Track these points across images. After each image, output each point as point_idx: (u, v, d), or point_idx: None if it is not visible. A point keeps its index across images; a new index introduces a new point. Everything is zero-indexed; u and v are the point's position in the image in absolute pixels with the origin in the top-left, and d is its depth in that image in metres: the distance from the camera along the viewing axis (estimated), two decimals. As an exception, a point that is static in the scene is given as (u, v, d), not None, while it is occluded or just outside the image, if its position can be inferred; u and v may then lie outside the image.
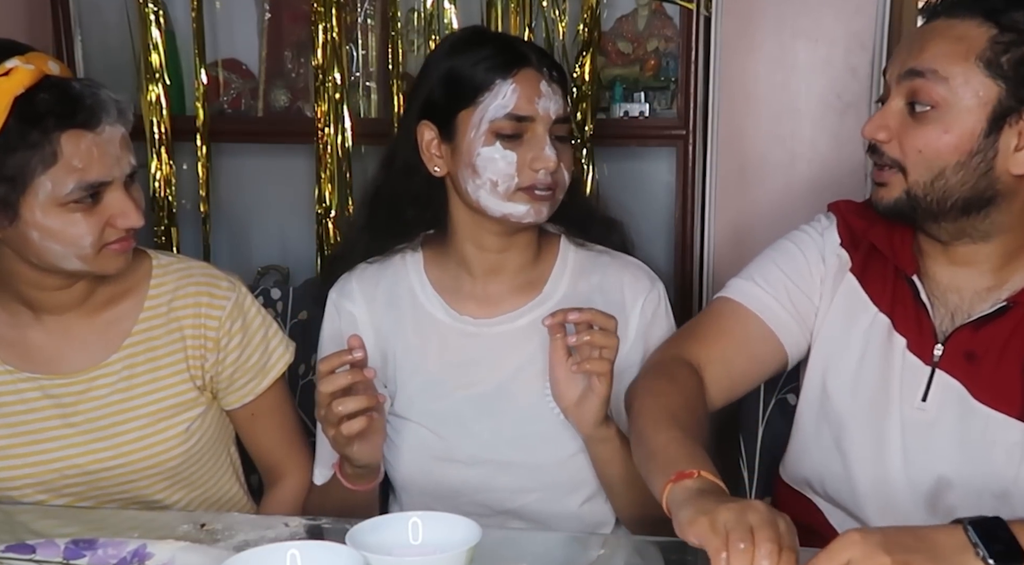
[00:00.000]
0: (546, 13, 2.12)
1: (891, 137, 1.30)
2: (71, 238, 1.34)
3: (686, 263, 2.12)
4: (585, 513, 1.54)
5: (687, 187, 2.10)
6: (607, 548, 1.31)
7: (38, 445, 1.44)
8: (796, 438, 1.50)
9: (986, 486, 1.32)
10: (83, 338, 1.47)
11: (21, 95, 1.29)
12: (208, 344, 1.50)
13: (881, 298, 1.41)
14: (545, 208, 1.45)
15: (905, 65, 1.29)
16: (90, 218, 1.34)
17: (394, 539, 1.08)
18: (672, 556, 1.27)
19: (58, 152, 1.30)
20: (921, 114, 1.27)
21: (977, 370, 1.33)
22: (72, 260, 1.36)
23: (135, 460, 1.46)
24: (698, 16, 2.05)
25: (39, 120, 1.29)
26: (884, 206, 1.34)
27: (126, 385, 1.47)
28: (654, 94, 2.20)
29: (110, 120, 1.35)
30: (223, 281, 1.53)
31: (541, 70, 1.44)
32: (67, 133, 1.31)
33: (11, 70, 1.30)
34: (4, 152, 1.29)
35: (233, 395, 1.54)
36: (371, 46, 2.30)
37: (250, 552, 1.06)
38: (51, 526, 1.35)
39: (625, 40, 2.25)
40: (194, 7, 2.24)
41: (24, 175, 1.30)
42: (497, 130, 1.43)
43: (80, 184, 1.32)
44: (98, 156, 1.33)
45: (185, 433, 1.49)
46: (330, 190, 2.22)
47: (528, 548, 1.28)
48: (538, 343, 1.50)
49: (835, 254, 1.46)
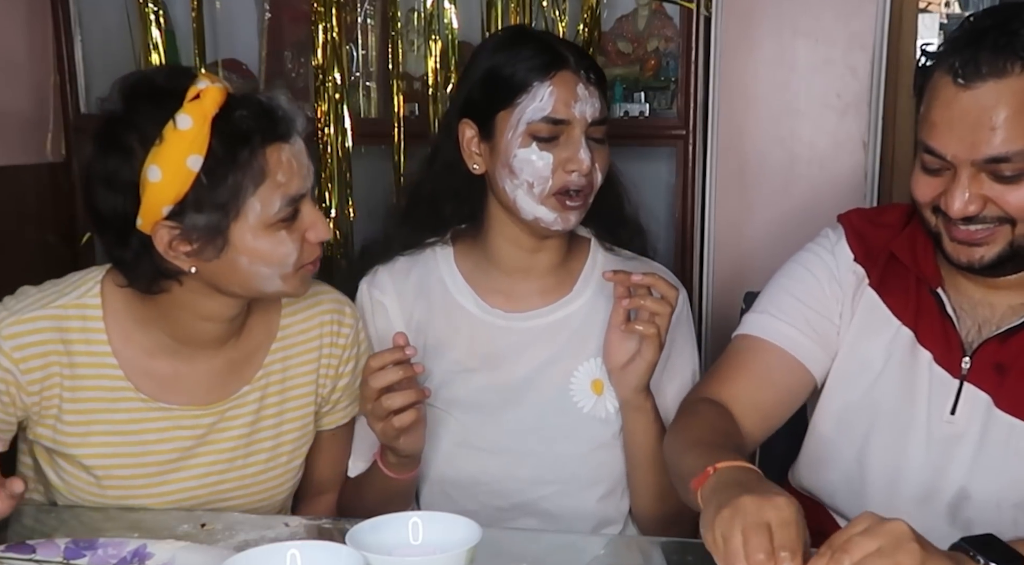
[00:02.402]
0: (546, 13, 2.12)
1: (984, 205, 1.25)
2: (279, 258, 1.29)
3: (686, 263, 2.12)
4: (599, 510, 1.56)
5: (687, 187, 2.10)
6: (607, 548, 1.30)
7: (160, 477, 1.39)
8: (810, 448, 1.48)
9: (1006, 497, 1.32)
10: (218, 369, 1.42)
11: (217, 115, 1.23)
12: (331, 371, 1.49)
13: (904, 311, 1.39)
14: (573, 216, 1.48)
15: (978, 153, 1.21)
16: (292, 234, 1.29)
17: (394, 539, 1.08)
18: (673, 556, 1.27)
19: (265, 168, 1.25)
20: (1011, 179, 1.22)
21: (1006, 381, 1.31)
22: (275, 281, 1.31)
23: (253, 493, 1.44)
24: (698, 16, 2.05)
25: (247, 138, 1.24)
26: (983, 264, 1.28)
27: (255, 418, 1.43)
28: (654, 94, 2.20)
29: (300, 130, 1.30)
30: (347, 306, 1.51)
31: (579, 72, 1.45)
32: (271, 147, 1.26)
33: (201, 92, 1.23)
34: (214, 177, 1.23)
35: (331, 416, 1.53)
36: (371, 46, 2.31)
37: (250, 552, 1.06)
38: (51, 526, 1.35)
39: (625, 40, 2.25)
40: (194, 7, 2.24)
41: (236, 198, 1.24)
42: (534, 132, 1.44)
43: (285, 199, 1.27)
44: (296, 168, 1.28)
45: (300, 467, 1.49)
46: (330, 190, 2.22)
47: (528, 548, 1.28)
48: (565, 340, 1.55)
49: (850, 270, 1.43)
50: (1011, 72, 1.20)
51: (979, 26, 1.24)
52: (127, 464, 1.39)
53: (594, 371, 1.54)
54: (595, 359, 1.53)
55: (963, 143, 1.22)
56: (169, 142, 1.22)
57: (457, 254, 1.60)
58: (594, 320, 1.54)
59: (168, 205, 1.23)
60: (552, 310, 1.56)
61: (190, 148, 1.22)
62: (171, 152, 1.22)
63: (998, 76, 1.20)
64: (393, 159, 2.20)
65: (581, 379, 1.54)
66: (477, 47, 1.66)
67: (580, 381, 1.54)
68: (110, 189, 1.26)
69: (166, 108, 1.23)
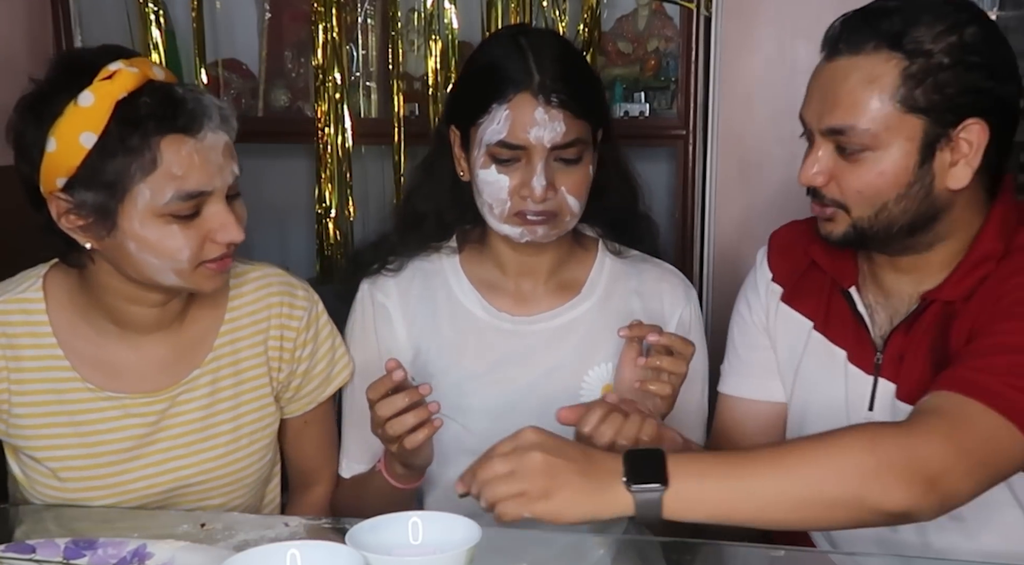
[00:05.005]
0: (546, 13, 2.12)
1: (828, 180, 1.28)
2: (168, 251, 1.28)
3: (686, 263, 2.12)
4: None
5: (687, 187, 2.11)
6: (607, 548, 1.30)
7: (119, 465, 1.40)
8: None
9: None
10: (166, 355, 1.42)
11: (123, 99, 1.25)
12: (284, 355, 1.48)
13: (816, 315, 1.43)
14: (540, 230, 1.45)
15: (823, 121, 1.26)
16: (188, 231, 1.28)
17: (394, 539, 1.08)
18: (673, 556, 1.27)
19: (157, 158, 1.24)
20: (853, 156, 1.26)
21: (902, 371, 1.33)
22: (168, 274, 1.31)
23: (217, 477, 1.44)
24: (698, 16, 2.05)
25: (139, 124, 1.24)
26: (834, 239, 1.33)
27: (209, 401, 1.43)
28: (654, 94, 2.20)
29: (212, 126, 1.28)
30: (299, 289, 1.50)
31: (539, 96, 1.39)
32: (167, 138, 1.25)
33: (115, 73, 1.25)
34: (104, 157, 1.24)
35: (295, 404, 1.53)
36: (371, 46, 2.31)
37: (250, 552, 1.06)
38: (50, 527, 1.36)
39: (625, 40, 2.25)
40: (194, 7, 2.24)
41: (123, 181, 1.25)
42: (492, 154, 1.42)
43: (178, 193, 1.26)
44: (199, 163, 1.27)
45: (265, 448, 1.48)
46: (330, 190, 2.22)
47: (528, 548, 1.28)
48: (573, 343, 1.52)
49: (769, 291, 1.49)
50: (864, 49, 1.23)
51: (863, 8, 1.28)
52: (81, 455, 1.39)
53: (605, 376, 1.52)
54: (606, 364, 1.52)
55: (814, 112, 1.28)
56: (68, 117, 1.25)
57: (463, 257, 1.57)
58: (604, 323, 1.52)
59: (61, 177, 1.26)
60: (560, 313, 1.55)
61: (85, 125, 1.24)
62: (68, 127, 1.24)
63: (853, 51, 1.24)
64: (393, 159, 2.20)
65: (592, 384, 1.52)
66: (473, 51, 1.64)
67: (591, 386, 1.52)
68: (20, 155, 1.30)
69: (78, 84, 1.25)
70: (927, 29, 1.21)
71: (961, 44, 1.21)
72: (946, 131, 1.23)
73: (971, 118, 1.22)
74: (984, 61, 1.22)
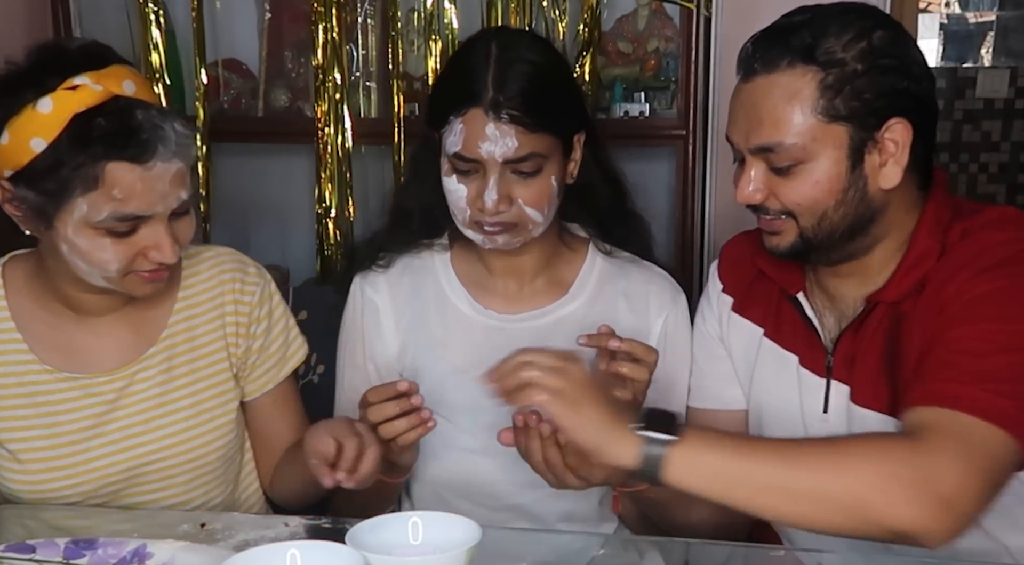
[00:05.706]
0: (546, 13, 2.12)
1: (767, 195, 1.30)
2: (96, 261, 1.31)
3: (686, 263, 2.12)
4: (592, 513, 1.55)
5: (687, 187, 2.11)
6: (607, 548, 1.31)
7: (79, 445, 1.41)
8: None
9: None
10: (121, 334, 1.45)
11: (80, 114, 1.26)
12: (240, 330, 1.50)
13: (766, 322, 1.45)
14: (500, 239, 1.46)
15: (750, 141, 1.27)
16: (119, 246, 1.30)
17: (394, 539, 1.08)
18: (672, 556, 1.27)
19: (100, 179, 1.26)
20: (785, 171, 1.26)
21: (856, 372, 1.34)
22: (98, 278, 1.34)
23: (177, 454, 1.45)
24: (698, 16, 2.05)
25: (89, 144, 1.25)
26: (780, 252, 1.34)
27: (166, 378, 1.45)
28: (654, 94, 2.20)
29: (165, 156, 1.28)
30: (251, 266, 1.54)
31: (490, 112, 1.39)
32: (113, 163, 1.26)
33: (78, 86, 1.26)
34: (49, 165, 1.26)
35: (254, 383, 1.54)
36: (371, 46, 2.31)
37: (250, 552, 1.06)
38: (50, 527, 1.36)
39: (625, 40, 2.25)
40: (194, 7, 2.24)
41: (63, 192, 1.27)
42: (452, 164, 1.44)
43: (115, 214, 1.28)
44: (141, 190, 1.28)
45: (227, 425, 1.49)
46: (330, 190, 2.22)
47: (528, 548, 1.28)
48: (561, 341, 1.49)
49: (720, 302, 1.51)
50: (779, 66, 1.25)
51: (771, 26, 1.30)
52: (42, 436, 1.40)
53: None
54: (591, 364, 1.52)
55: (741, 133, 1.29)
56: (24, 117, 1.26)
57: (454, 254, 1.59)
58: (591, 323, 1.50)
59: (8, 169, 1.29)
60: (547, 312, 1.55)
61: (39, 131, 1.26)
62: (22, 126, 1.26)
63: (769, 70, 1.25)
64: (393, 159, 2.20)
65: None
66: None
67: None
68: None
69: (45, 85, 1.27)
70: (836, 39, 1.23)
71: (871, 49, 1.23)
72: (871, 134, 1.24)
73: (893, 118, 1.24)
74: (896, 63, 1.24)
